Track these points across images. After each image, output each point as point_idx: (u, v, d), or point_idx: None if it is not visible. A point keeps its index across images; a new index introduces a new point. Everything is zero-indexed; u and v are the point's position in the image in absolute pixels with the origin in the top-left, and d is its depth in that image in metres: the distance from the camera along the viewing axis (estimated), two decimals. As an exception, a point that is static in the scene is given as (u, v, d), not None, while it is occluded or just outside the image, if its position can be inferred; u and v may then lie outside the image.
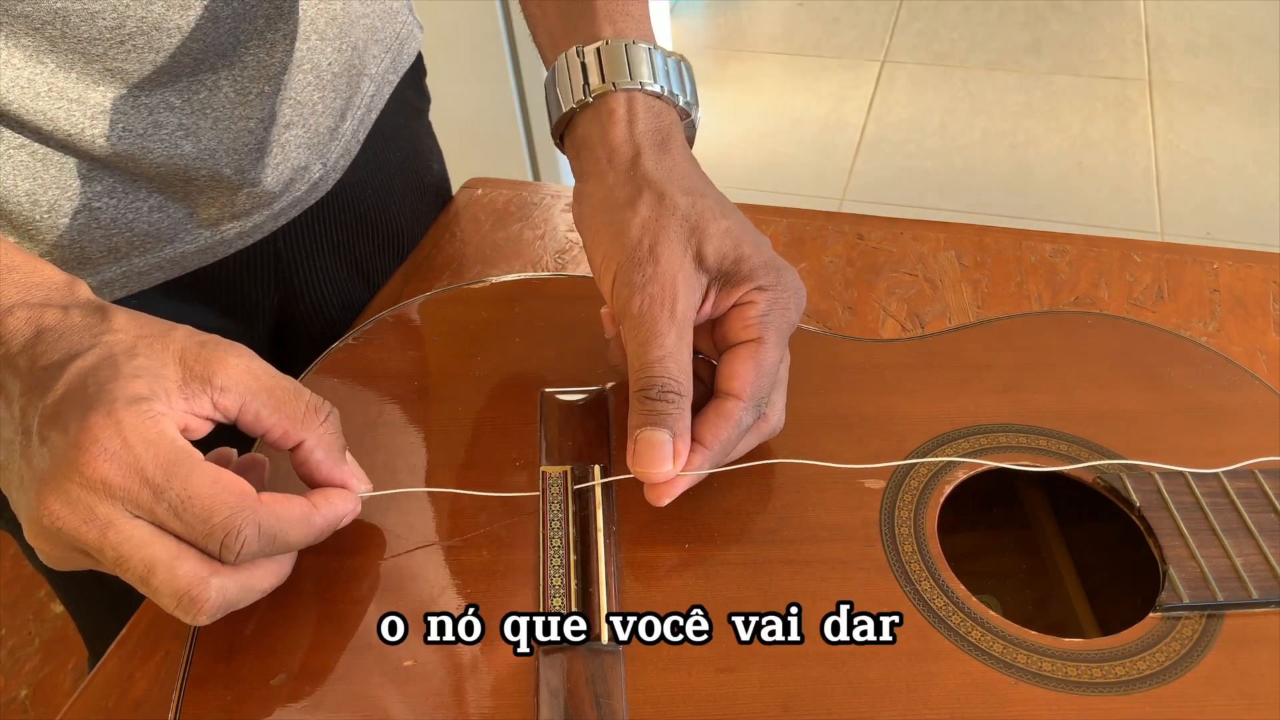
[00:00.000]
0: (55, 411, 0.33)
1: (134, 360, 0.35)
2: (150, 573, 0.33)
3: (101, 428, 0.32)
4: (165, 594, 0.34)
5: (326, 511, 0.38)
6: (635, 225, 0.42)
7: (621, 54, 0.45)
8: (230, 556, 0.34)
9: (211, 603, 0.34)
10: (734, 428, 0.40)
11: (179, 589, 0.33)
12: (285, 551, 0.37)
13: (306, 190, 0.57)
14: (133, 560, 0.33)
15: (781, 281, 0.42)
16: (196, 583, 0.34)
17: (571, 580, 0.39)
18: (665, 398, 0.39)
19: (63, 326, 0.36)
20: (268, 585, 0.37)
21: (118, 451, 0.32)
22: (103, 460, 0.32)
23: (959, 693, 0.36)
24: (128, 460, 0.32)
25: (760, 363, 0.41)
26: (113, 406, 0.33)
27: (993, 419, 0.46)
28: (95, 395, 0.33)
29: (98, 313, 0.36)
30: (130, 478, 0.32)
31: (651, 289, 0.40)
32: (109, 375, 0.34)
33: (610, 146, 0.45)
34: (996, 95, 2.35)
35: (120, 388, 0.33)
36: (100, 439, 0.32)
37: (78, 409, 0.33)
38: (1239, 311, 0.58)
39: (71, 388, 0.34)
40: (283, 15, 0.51)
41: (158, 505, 0.33)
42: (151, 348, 0.35)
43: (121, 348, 0.35)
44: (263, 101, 0.52)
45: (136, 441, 0.33)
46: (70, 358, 0.34)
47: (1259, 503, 0.42)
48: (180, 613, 0.34)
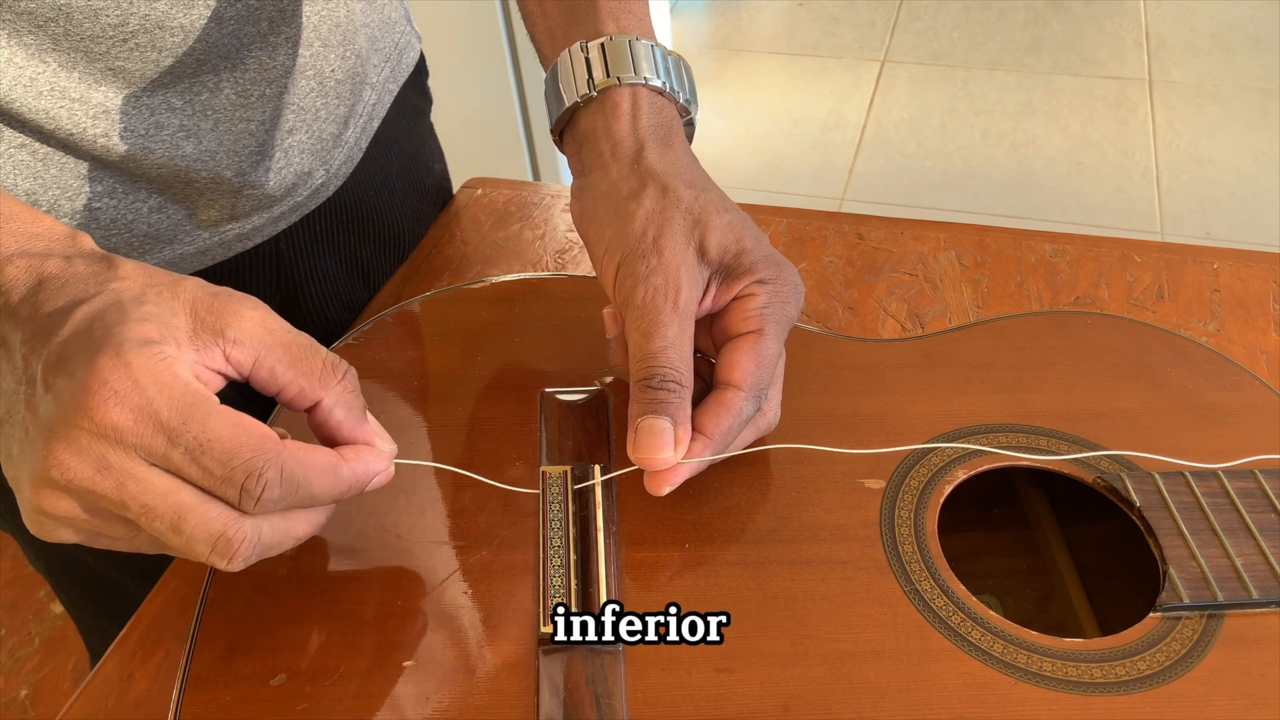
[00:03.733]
0: (60, 356, 0.31)
1: (142, 306, 0.33)
2: (180, 519, 0.31)
3: (110, 369, 0.30)
4: (199, 539, 0.31)
5: (355, 465, 0.35)
6: (640, 217, 0.42)
7: (625, 49, 0.45)
8: (250, 503, 0.32)
9: (248, 543, 0.32)
10: (735, 417, 0.41)
11: (213, 531, 0.31)
12: (310, 505, 0.35)
13: (308, 195, 0.58)
14: (159, 509, 0.31)
15: (782, 275, 0.42)
16: (231, 523, 0.32)
17: (571, 580, 0.39)
18: (667, 386, 0.39)
19: (66, 275, 0.34)
20: (302, 531, 0.35)
21: (128, 394, 0.30)
22: (112, 404, 0.30)
23: (959, 693, 0.36)
24: (139, 403, 0.30)
25: (760, 353, 0.41)
26: (120, 348, 0.31)
27: (993, 419, 0.46)
28: (102, 338, 0.31)
29: (103, 261, 0.34)
30: (142, 422, 0.30)
31: (655, 280, 0.40)
32: (116, 319, 0.32)
33: (614, 140, 0.45)
34: (996, 95, 2.34)
35: (129, 330, 0.31)
36: (109, 381, 0.30)
37: (84, 352, 0.31)
38: (1239, 311, 0.58)
39: (77, 331, 0.31)
40: (286, 19, 0.51)
41: (173, 450, 0.31)
42: (161, 296, 0.33)
43: (129, 294, 0.33)
44: (264, 105, 0.52)
45: (148, 383, 0.31)
46: (75, 303, 0.32)
47: (1259, 503, 0.42)
48: (216, 558, 0.32)
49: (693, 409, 0.41)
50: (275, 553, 0.34)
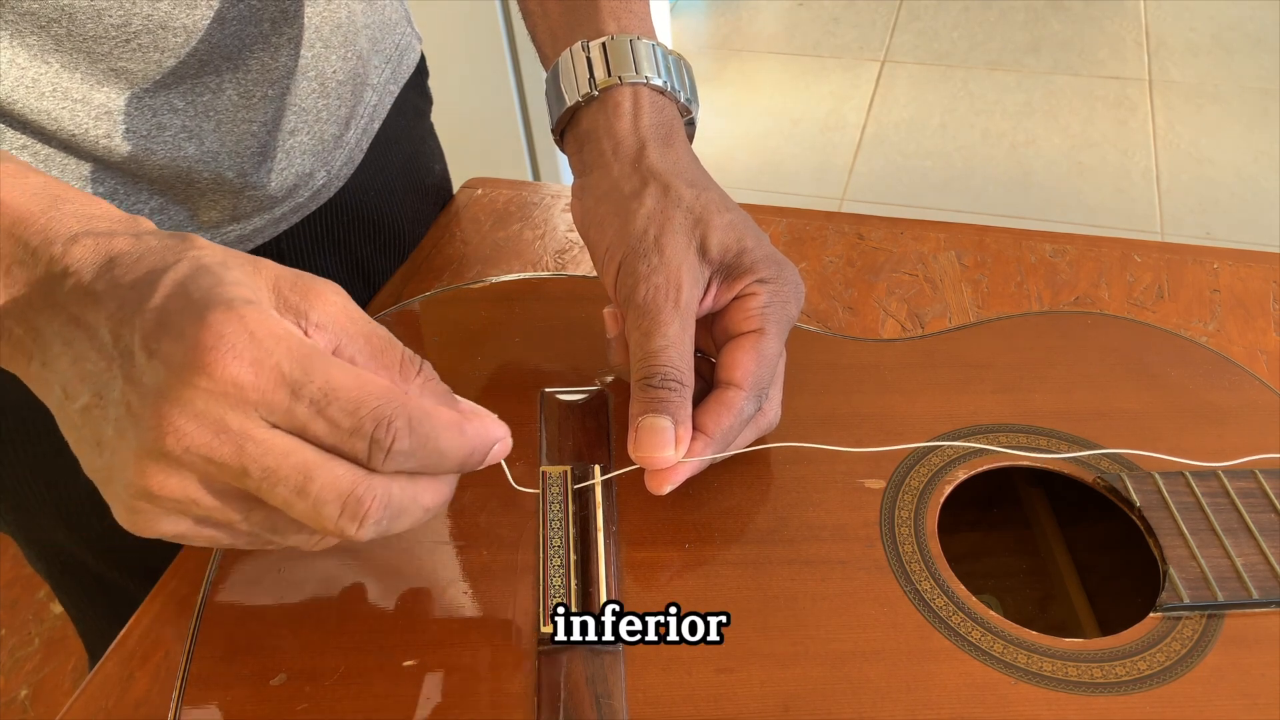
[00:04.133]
0: (159, 320, 0.29)
1: (230, 271, 0.30)
2: (308, 479, 0.29)
3: (224, 323, 0.28)
4: (328, 499, 0.29)
5: (478, 426, 0.33)
6: (641, 216, 0.42)
7: (627, 49, 0.45)
8: (380, 455, 0.30)
9: (378, 501, 0.30)
10: (736, 416, 0.41)
11: (342, 490, 0.29)
12: (438, 464, 0.32)
13: (309, 196, 0.58)
14: (283, 470, 0.29)
15: (783, 275, 0.42)
16: (360, 480, 0.30)
17: (571, 580, 0.39)
18: (668, 385, 0.39)
19: (138, 249, 0.31)
20: (430, 500, 0.32)
21: (246, 348, 0.28)
22: (231, 358, 0.28)
23: (959, 693, 0.36)
24: (259, 356, 0.28)
25: (762, 353, 0.41)
26: (231, 303, 0.29)
27: (993, 419, 0.46)
28: (204, 298, 0.29)
29: (174, 236, 0.32)
30: (264, 375, 0.28)
31: (656, 279, 0.40)
32: (211, 281, 0.30)
33: (616, 139, 0.45)
34: (996, 95, 2.34)
35: (229, 290, 0.29)
36: (225, 335, 0.28)
37: (188, 311, 0.29)
38: (1239, 311, 0.58)
39: (173, 294, 0.29)
40: (288, 20, 0.51)
41: (297, 404, 0.29)
42: (243, 267, 0.31)
43: (213, 260, 0.31)
44: (266, 106, 0.52)
45: (265, 336, 0.29)
46: (159, 270, 0.30)
47: (1259, 503, 0.42)
48: (346, 521, 0.30)
49: (693, 408, 0.41)
50: (403, 525, 0.32)
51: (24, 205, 0.32)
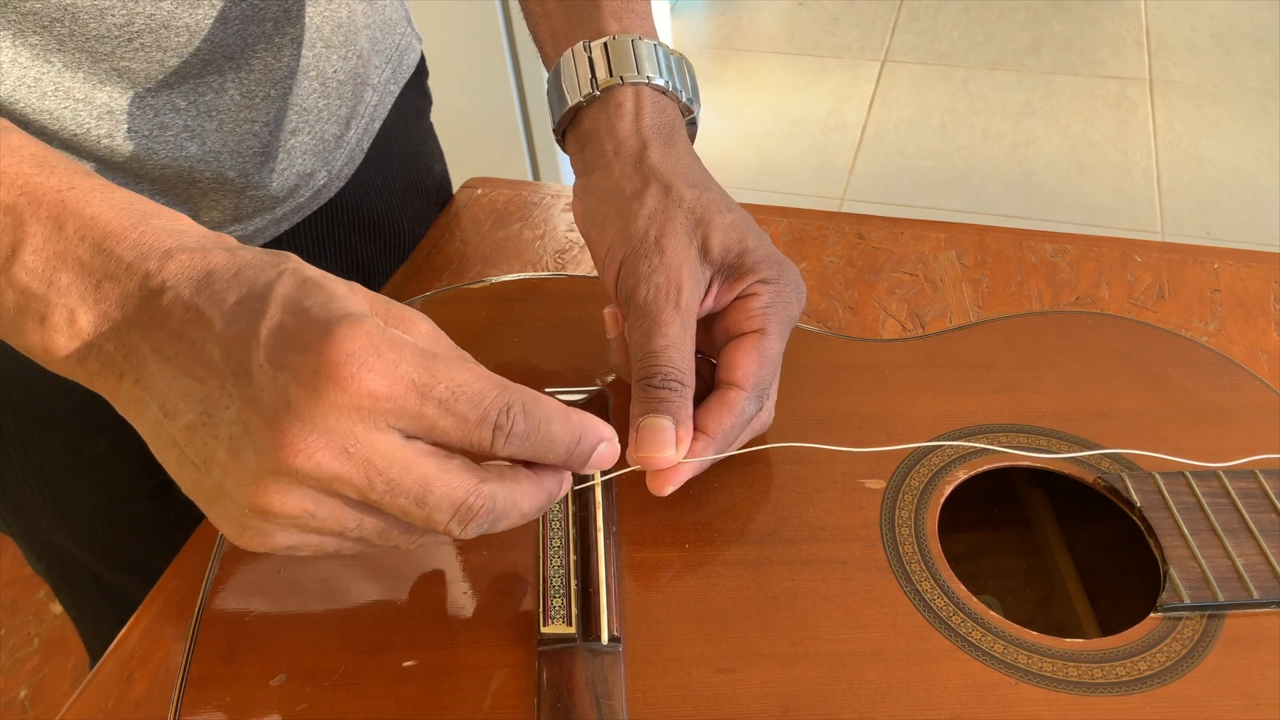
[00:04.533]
0: (281, 337, 0.30)
1: (336, 285, 0.31)
2: (426, 490, 0.31)
3: (350, 338, 0.29)
4: (444, 508, 0.31)
5: (583, 417, 0.34)
6: (642, 216, 0.42)
7: (628, 49, 0.45)
8: (503, 438, 0.31)
9: (485, 508, 0.32)
10: (737, 417, 0.41)
11: (455, 499, 0.31)
12: (548, 448, 0.33)
13: (310, 196, 0.58)
14: (404, 482, 0.30)
15: (784, 275, 0.42)
16: (471, 490, 0.31)
17: (571, 580, 0.39)
18: (668, 385, 0.39)
19: (234, 264, 0.32)
20: (529, 506, 0.34)
21: (374, 360, 0.29)
22: (364, 371, 0.29)
23: (959, 693, 0.36)
24: (387, 368, 0.29)
25: (763, 353, 0.41)
26: (352, 318, 0.30)
27: (993, 419, 0.46)
28: (323, 314, 0.30)
29: (268, 253, 0.33)
30: (396, 383, 0.30)
31: (657, 279, 0.40)
32: (324, 297, 0.30)
33: (617, 139, 0.45)
34: (996, 95, 2.34)
35: (343, 305, 0.30)
36: (355, 350, 0.29)
37: (312, 327, 0.30)
38: (1239, 311, 0.58)
39: (288, 311, 0.30)
40: (290, 20, 0.51)
41: (426, 406, 0.30)
42: (342, 283, 0.32)
43: (315, 273, 0.32)
44: (268, 106, 0.52)
45: (387, 347, 0.30)
46: (265, 287, 0.31)
47: (1259, 503, 0.42)
48: (455, 525, 0.32)
49: (694, 408, 0.41)
50: (503, 527, 0.33)
51: (113, 219, 0.32)
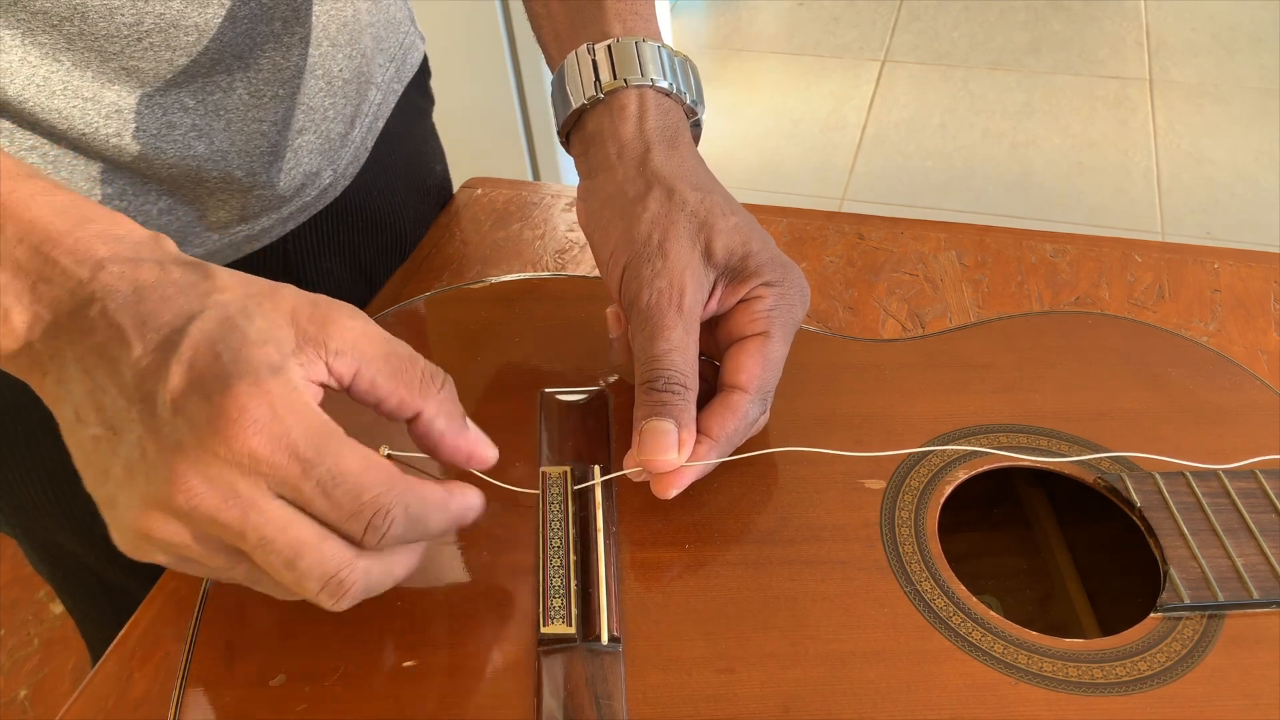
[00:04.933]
0: (189, 380, 0.30)
1: (253, 322, 0.32)
2: (297, 556, 0.31)
3: (249, 396, 0.30)
4: (312, 577, 0.31)
5: (460, 500, 0.35)
6: (645, 220, 0.42)
7: (633, 51, 0.45)
8: (374, 538, 0.32)
9: (357, 586, 0.32)
10: (740, 420, 0.41)
11: (327, 571, 0.32)
12: (422, 537, 0.34)
13: (316, 195, 0.58)
14: (278, 543, 0.31)
15: (788, 278, 0.42)
16: (345, 564, 0.32)
17: (571, 580, 0.39)
18: (671, 389, 0.39)
19: (163, 283, 0.32)
20: (402, 572, 0.35)
21: (267, 423, 0.30)
22: (251, 432, 0.30)
23: (959, 693, 0.36)
24: (277, 432, 0.30)
25: (767, 356, 0.41)
26: (258, 375, 0.30)
27: (993, 419, 0.46)
28: (232, 362, 0.31)
29: (197, 269, 0.33)
30: (279, 451, 0.30)
31: (659, 283, 0.40)
32: (238, 341, 0.31)
33: (621, 142, 0.45)
34: (996, 95, 2.34)
35: (255, 354, 0.31)
36: (248, 409, 0.30)
37: (218, 377, 0.30)
38: (1239, 311, 0.58)
39: (199, 353, 0.31)
40: (299, 19, 0.51)
41: (304, 482, 0.31)
42: (263, 307, 0.32)
43: (235, 308, 0.32)
44: (276, 105, 0.52)
45: (286, 413, 0.30)
46: (186, 319, 0.31)
47: (1259, 503, 0.42)
48: (325, 597, 0.32)
49: (698, 411, 0.41)
50: (377, 593, 0.34)
51: (52, 223, 0.32)
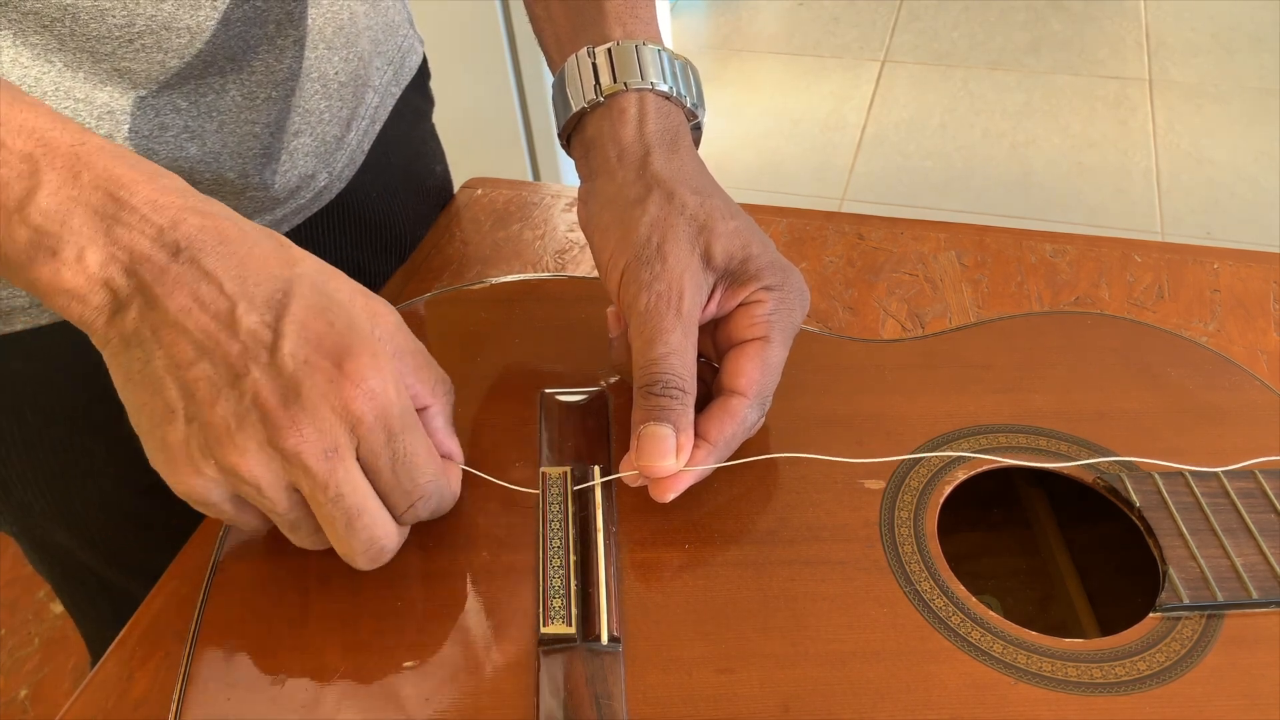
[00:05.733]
0: (307, 337, 0.34)
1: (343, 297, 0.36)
2: (359, 516, 0.35)
3: (370, 367, 0.34)
4: (362, 539, 0.36)
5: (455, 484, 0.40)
6: (644, 223, 0.42)
7: (632, 54, 0.45)
8: (411, 516, 0.37)
9: (389, 553, 0.37)
10: (739, 424, 0.41)
11: (375, 538, 0.36)
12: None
13: (311, 198, 0.58)
14: (348, 500, 0.35)
15: (788, 282, 0.42)
16: (392, 535, 0.37)
17: (571, 581, 0.39)
18: (669, 394, 0.39)
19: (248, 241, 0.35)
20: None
21: (380, 394, 0.34)
22: (367, 398, 0.34)
23: (959, 693, 0.36)
24: (384, 404, 0.34)
25: (766, 361, 0.41)
26: (376, 349, 0.35)
27: (993, 419, 0.46)
28: (346, 331, 0.35)
29: (268, 235, 0.36)
30: (380, 419, 0.34)
31: (658, 286, 0.40)
32: (343, 316, 0.35)
33: (620, 145, 0.45)
34: (996, 95, 2.34)
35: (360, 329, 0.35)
36: (368, 378, 0.34)
37: (337, 343, 0.34)
38: (1239, 311, 0.58)
39: (311, 317, 0.34)
40: (292, 21, 0.51)
41: (384, 449, 0.35)
42: (340, 287, 0.37)
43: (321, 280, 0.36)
44: (269, 107, 0.52)
45: (393, 389, 0.35)
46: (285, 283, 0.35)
47: (1259, 503, 0.42)
48: (363, 558, 0.36)
49: (696, 414, 0.41)
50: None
51: (126, 173, 0.34)
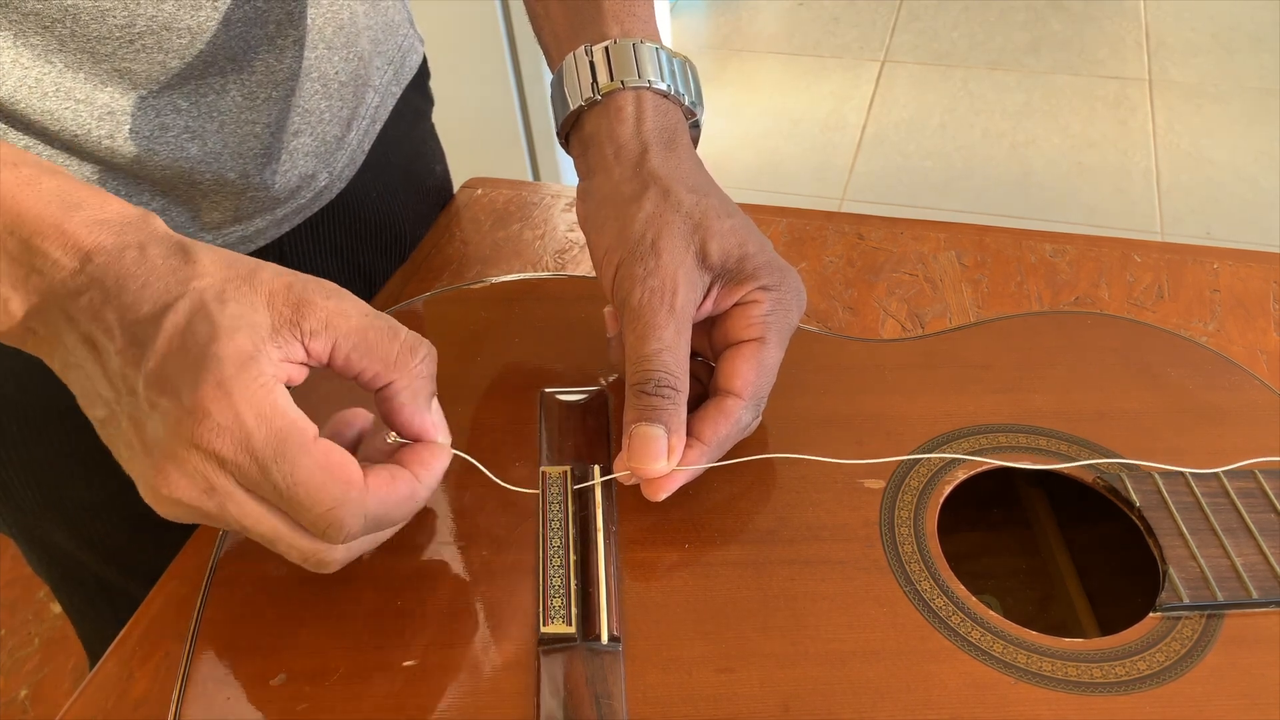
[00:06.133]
0: (160, 376, 0.32)
1: (226, 308, 0.33)
2: (275, 540, 0.34)
3: (213, 400, 0.32)
4: (293, 556, 0.35)
5: (428, 482, 0.37)
6: (639, 220, 0.42)
7: (630, 53, 0.45)
8: (336, 539, 0.34)
9: (337, 561, 0.35)
10: (733, 425, 0.41)
11: (304, 553, 0.35)
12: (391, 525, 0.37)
13: (311, 198, 0.58)
14: (257, 529, 0.34)
15: (785, 282, 0.42)
16: (319, 549, 0.35)
17: (571, 580, 0.39)
18: (661, 393, 0.39)
19: (144, 271, 0.34)
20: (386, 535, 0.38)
21: (229, 426, 0.32)
22: (214, 435, 0.32)
23: (959, 693, 0.36)
24: (239, 436, 0.32)
25: (762, 362, 0.41)
26: (223, 375, 0.32)
27: (993, 419, 0.46)
28: (200, 358, 0.32)
29: (179, 253, 0.35)
30: (240, 453, 0.32)
31: (652, 282, 0.40)
32: (208, 334, 0.32)
33: (618, 143, 0.45)
34: (996, 95, 2.34)
35: (224, 347, 0.32)
36: (212, 412, 0.32)
37: (187, 374, 0.32)
38: (1239, 311, 0.58)
39: (173, 348, 0.32)
40: (293, 22, 0.51)
41: (264, 483, 0.33)
42: (240, 290, 0.34)
43: (211, 294, 0.33)
44: (270, 107, 0.52)
45: (249, 415, 0.32)
46: (162, 310, 0.33)
47: (1259, 503, 0.42)
48: (310, 569, 0.36)
49: (690, 413, 0.41)
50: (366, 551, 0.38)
51: (40, 213, 0.34)
